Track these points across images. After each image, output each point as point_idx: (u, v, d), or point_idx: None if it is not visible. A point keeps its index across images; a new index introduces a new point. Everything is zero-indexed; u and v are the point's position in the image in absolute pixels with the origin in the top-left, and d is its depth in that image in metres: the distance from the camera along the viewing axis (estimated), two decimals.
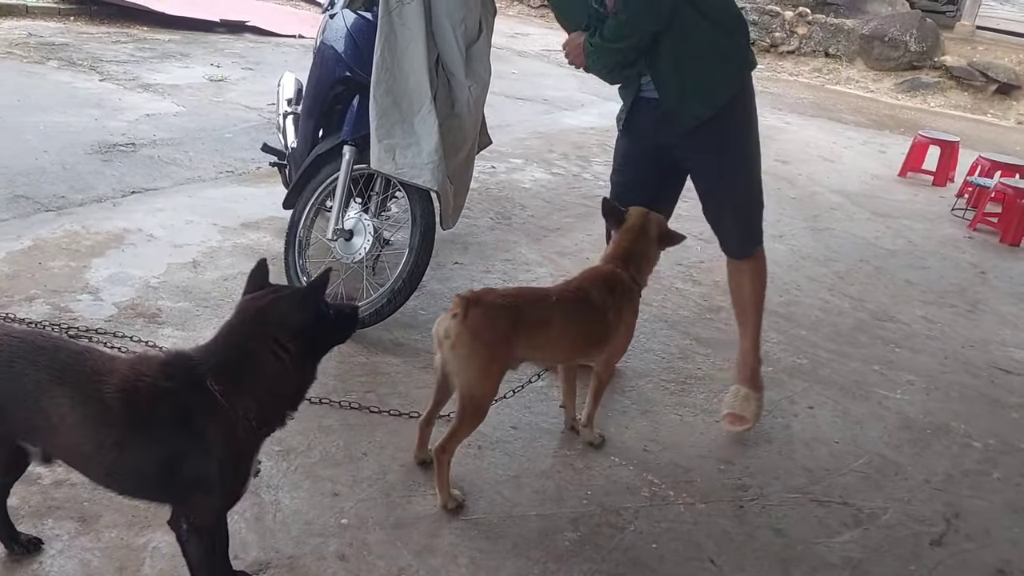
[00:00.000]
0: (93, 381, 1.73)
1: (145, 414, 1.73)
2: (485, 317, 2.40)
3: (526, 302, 2.55)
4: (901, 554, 2.55)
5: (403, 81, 3.16)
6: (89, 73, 6.76)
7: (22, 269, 3.49)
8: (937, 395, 3.56)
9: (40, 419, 1.73)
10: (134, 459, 1.76)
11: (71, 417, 1.72)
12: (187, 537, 1.86)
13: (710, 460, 2.89)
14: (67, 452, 1.81)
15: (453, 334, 2.39)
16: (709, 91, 2.88)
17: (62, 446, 1.79)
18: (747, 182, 3.07)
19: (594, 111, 8.22)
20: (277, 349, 1.79)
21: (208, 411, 1.75)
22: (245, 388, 1.77)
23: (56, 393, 1.72)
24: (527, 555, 2.32)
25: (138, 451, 1.75)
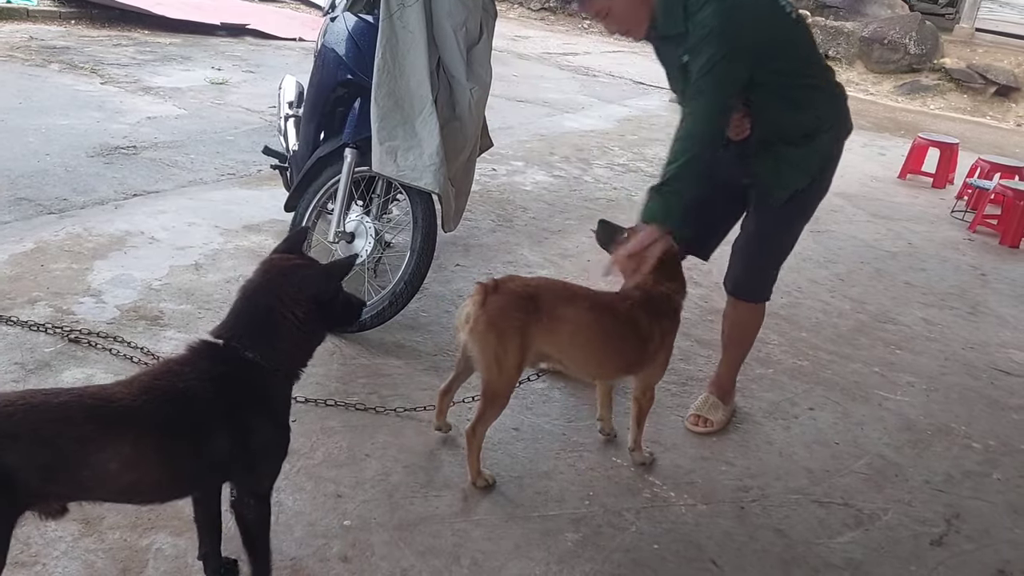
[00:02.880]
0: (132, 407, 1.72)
1: (205, 411, 1.78)
2: (502, 305, 2.44)
3: (548, 294, 2.54)
4: (902, 555, 2.56)
5: (404, 84, 3.17)
6: (90, 76, 6.78)
7: (24, 271, 3.50)
8: (937, 396, 3.57)
9: (88, 472, 1.67)
10: (212, 456, 1.81)
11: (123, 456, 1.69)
12: (254, 509, 1.93)
13: (711, 461, 2.89)
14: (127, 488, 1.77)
15: (472, 319, 2.45)
16: (801, 169, 2.76)
17: (119, 487, 1.75)
18: (793, 242, 3.01)
19: (595, 114, 8.24)
20: (293, 311, 1.87)
21: (255, 380, 1.85)
22: (273, 346, 1.87)
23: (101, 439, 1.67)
24: (529, 556, 2.33)
25: (216, 446, 1.81)
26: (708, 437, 3.03)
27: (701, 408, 3.12)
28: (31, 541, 2.13)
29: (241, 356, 1.84)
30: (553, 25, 14.68)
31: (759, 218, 2.92)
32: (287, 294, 1.87)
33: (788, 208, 2.85)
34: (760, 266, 3.02)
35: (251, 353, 1.84)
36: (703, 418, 3.08)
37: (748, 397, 3.35)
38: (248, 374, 1.85)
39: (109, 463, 1.67)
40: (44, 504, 1.73)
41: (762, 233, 2.94)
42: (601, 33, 14.38)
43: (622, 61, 11.73)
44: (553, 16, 15.05)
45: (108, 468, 1.67)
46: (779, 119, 2.68)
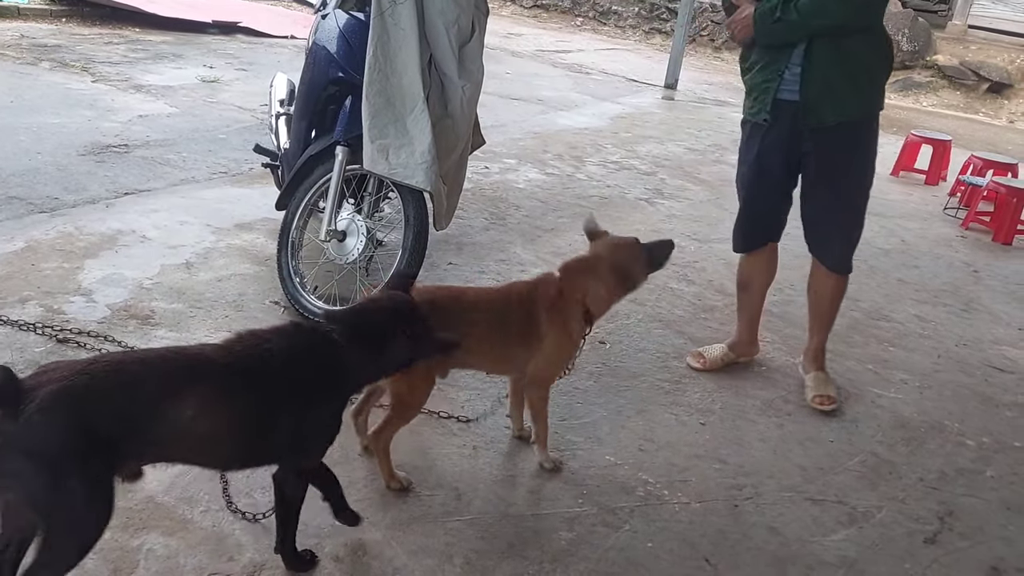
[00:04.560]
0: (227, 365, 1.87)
1: (280, 381, 1.90)
2: None
3: (443, 301, 2.50)
4: (896, 552, 2.56)
5: (396, 81, 3.16)
6: (82, 74, 6.75)
7: (15, 270, 3.48)
8: (930, 394, 3.57)
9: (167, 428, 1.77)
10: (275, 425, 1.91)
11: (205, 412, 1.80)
12: (293, 486, 2.06)
13: (705, 459, 2.89)
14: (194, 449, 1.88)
15: None
16: (848, 103, 3.03)
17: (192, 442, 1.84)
18: (863, 200, 3.23)
19: (588, 111, 8.24)
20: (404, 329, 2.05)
21: (337, 367, 1.98)
22: (370, 348, 2.02)
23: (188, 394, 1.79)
24: (523, 555, 2.32)
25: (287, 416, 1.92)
26: (701, 435, 3.03)
27: (819, 388, 3.33)
28: None
29: (334, 342, 1.97)
30: (546, 22, 14.67)
31: (825, 171, 3.14)
32: (405, 316, 2.06)
33: (843, 142, 3.09)
34: (847, 218, 3.24)
35: (345, 344, 1.97)
36: (827, 396, 3.30)
37: (742, 395, 3.34)
38: (334, 361, 1.97)
39: (185, 414, 1.76)
40: (125, 464, 1.80)
41: (832, 187, 3.16)
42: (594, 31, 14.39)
43: (615, 58, 11.73)
44: (546, 13, 15.03)
45: (183, 419, 1.77)
46: (842, 59, 2.98)
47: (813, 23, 2.91)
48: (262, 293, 3.58)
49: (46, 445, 1.63)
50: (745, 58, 3.23)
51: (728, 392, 3.34)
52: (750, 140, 3.26)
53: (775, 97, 3.06)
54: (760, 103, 3.13)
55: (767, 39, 3.03)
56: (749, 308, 3.56)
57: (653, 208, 5.59)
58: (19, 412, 1.60)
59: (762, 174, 3.23)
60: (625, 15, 14.49)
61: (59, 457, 1.64)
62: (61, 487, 1.64)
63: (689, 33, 11.57)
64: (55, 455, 1.64)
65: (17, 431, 1.60)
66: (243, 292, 3.57)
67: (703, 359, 3.48)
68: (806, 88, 2.99)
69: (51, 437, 1.63)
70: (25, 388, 1.63)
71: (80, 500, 1.67)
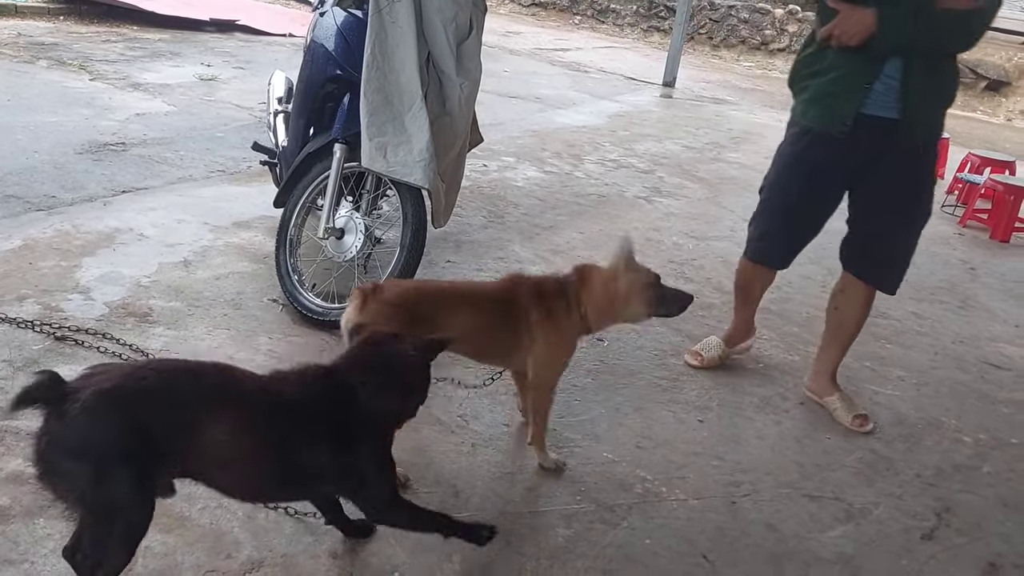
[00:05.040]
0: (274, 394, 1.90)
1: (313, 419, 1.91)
2: (381, 309, 2.41)
3: (428, 293, 2.53)
4: (893, 548, 2.56)
5: (394, 79, 3.15)
6: (79, 73, 6.74)
7: (13, 269, 3.47)
8: (927, 391, 3.57)
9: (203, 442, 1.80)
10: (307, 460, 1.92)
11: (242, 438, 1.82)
12: (389, 517, 2.10)
13: (703, 456, 2.89)
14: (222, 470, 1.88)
15: (350, 323, 2.42)
16: (936, 121, 2.96)
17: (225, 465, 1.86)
18: (923, 223, 3.11)
19: (586, 109, 8.24)
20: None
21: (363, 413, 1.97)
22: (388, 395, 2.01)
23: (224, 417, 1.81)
24: (520, 552, 2.32)
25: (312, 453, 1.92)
26: (699, 432, 3.03)
27: (853, 408, 3.23)
28: (19, 539, 2.12)
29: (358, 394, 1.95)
30: (544, 21, 14.67)
31: (897, 191, 2.99)
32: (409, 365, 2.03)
33: (922, 166, 3.03)
34: (907, 240, 3.10)
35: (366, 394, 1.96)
36: (864, 416, 3.21)
37: (739, 392, 3.35)
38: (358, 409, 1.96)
39: (221, 435, 1.79)
40: (162, 472, 1.83)
41: (901, 208, 3.02)
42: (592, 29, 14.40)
43: (614, 57, 11.74)
44: (544, 12, 15.04)
45: (219, 440, 1.79)
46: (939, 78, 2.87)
47: (941, 39, 2.76)
48: (260, 291, 3.58)
49: (89, 444, 1.69)
50: (813, 61, 2.95)
51: (726, 389, 3.35)
52: (807, 149, 3.02)
53: (858, 110, 2.85)
54: (835, 113, 2.89)
55: (889, 45, 2.75)
56: (750, 306, 3.51)
57: (651, 206, 5.59)
58: (65, 412, 1.66)
59: (818, 188, 3.05)
60: (623, 13, 14.49)
61: (100, 456, 1.70)
62: (102, 485, 1.70)
63: (687, 31, 11.58)
64: (97, 454, 1.69)
65: (62, 430, 1.67)
66: (241, 290, 3.57)
67: (700, 357, 3.46)
68: (906, 104, 2.81)
69: (93, 436, 1.69)
70: (71, 390, 1.69)
71: (120, 499, 1.73)
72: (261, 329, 3.30)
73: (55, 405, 1.68)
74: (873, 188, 3.00)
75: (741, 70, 12.39)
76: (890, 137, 2.87)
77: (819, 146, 2.98)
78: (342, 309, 3.30)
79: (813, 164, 3.01)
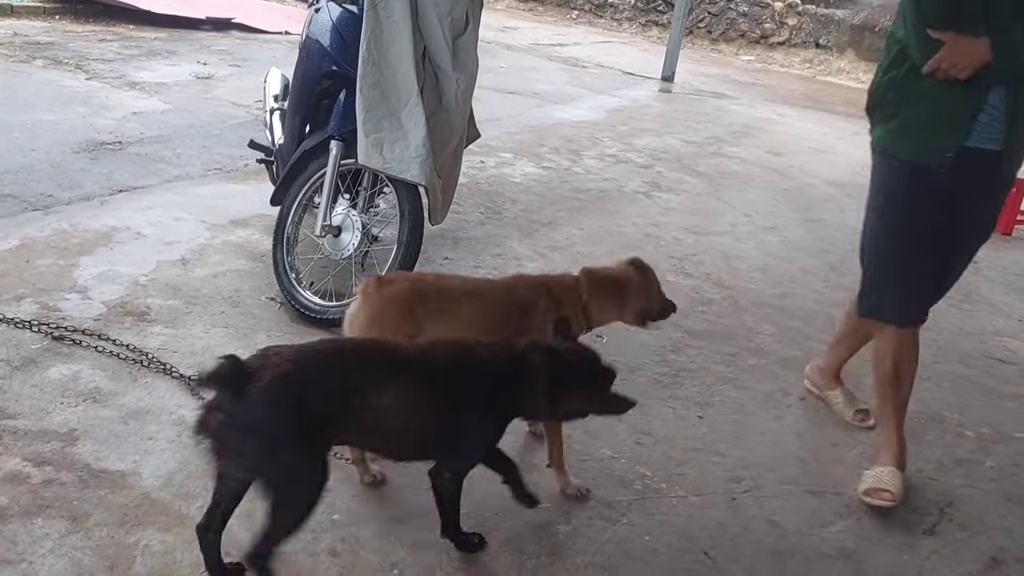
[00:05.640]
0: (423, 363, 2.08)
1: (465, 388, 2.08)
2: (387, 301, 2.41)
3: (434, 286, 2.54)
4: (895, 543, 2.55)
5: (390, 74, 3.14)
6: (75, 72, 6.72)
7: (10, 268, 3.46)
8: (930, 385, 3.56)
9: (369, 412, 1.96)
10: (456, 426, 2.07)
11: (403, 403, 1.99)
12: (449, 485, 2.18)
13: (703, 453, 2.88)
14: (388, 438, 2.07)
15: (354, 316, 2.43)
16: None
17: (385, 430, 2.02)
18: None
19: (585, 105, 8.21)
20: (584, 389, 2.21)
21: (519, 389, 2.13)
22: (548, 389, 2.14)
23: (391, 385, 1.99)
24: (520, 548, 2.31)
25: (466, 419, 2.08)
26: (699, 429, 3.02)
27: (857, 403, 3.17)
28: (17, 539, 2.11)
29: (528, 368, 2.10)
30: (542, 16, 14.64)
31: (977, 229, 2.79)
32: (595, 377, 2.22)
33: (1000, 205, 2.87)
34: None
35: (536, 379, 2.10)
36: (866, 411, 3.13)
37: (740, 387, 3.33)
38: (517, 388, 2.11)
39: (385, 403, 1.95)
40: (330, 446, 2.00)
41: (975, 244, 2.83)
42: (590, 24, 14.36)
43: (612, 51, 11.70)
44: (542, 7, 15.00)
45: (383, 407, 1.96)
46: None
47: None
48: (258, 289, 3.57)
49: (266, 421, 1.82)
50: (902, 87, 2.65)
51: (726, 385, 3.33)
52: (914, 185, 2.68)
53: (961, 143, 2.58)
54: (935, 145, 2.60)
55: (1004, 75, 2.50)
56: (903, 403, 2.85)
57: (651, 201, 5.57)
58: (243, 392, 1.79)
59: (930, 224, 2.70)
60: (621, 7, 14.45)
61: (277, 432, 1.83)
62: (278, 460, 1.84)
63: (686, 25, 11.54)
64: (274, 431, 1.83)
65: (241, 409, 1.80)
66: (239, 288, 3.56)
67: (890, 493, 2.68)
68: (1009, 134, 2.57)
69: (270, 414, 1.82)
70: (249, 370, 1.82)
71: (294, 472, 1.87)
72: (259, 327, 3.28)
73: (235, 386, 1.79)
74: (960, 223, 2.71)
75: (740, 64, 12.35)
76: (989, 169, 2.63)
77: (923, 181, 2.66)
78: (339, 307, 3.30)
79: (931, 202, 2.68)
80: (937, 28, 2.48)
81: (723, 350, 3.61)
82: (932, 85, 2.56)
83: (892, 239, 2.78)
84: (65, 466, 2.39)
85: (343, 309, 3.26)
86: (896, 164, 2.71)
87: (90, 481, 2.35)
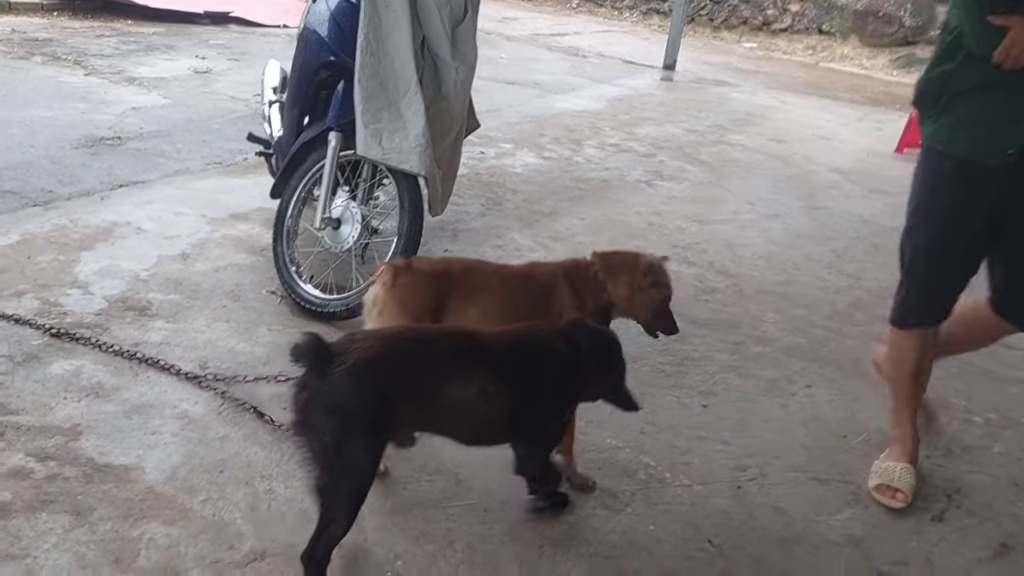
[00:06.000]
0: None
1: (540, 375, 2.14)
2: (413, 286, 2.40)
3: (459, 271, 2.53)
4: (902, 530, 2.53)
5: (388, 64, 3.11)
6: (74, 68, 6.70)
7: (10, 264, 3.45)
8: (937, 371, 3.47)
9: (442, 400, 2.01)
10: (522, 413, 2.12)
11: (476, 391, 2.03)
12: (537, 466, 2.27)
13: (708, 441, 2.86)
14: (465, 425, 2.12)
15: (380, 302, 2.40)
16: None
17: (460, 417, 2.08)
18: None
19: (586, 94, 8.18)
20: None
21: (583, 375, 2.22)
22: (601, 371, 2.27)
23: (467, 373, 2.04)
24: (524, 539, 2.30)
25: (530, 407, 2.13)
26: (704, 417, 3.00)
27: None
28: (22, 534, 2.11)
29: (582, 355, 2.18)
30: (541, 5, 14.57)
31: None
32: None
33: None
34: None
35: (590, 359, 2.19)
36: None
37: (745, 375, 3.31)
38: (581, 370, 2.19)
39: (464, 392, 2.00)
40: (403, 431, 2.07)
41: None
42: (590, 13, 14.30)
43: (612, 41, 11.65)
44: None
45: (458, 396, 2.00)
46: None
47: None
48: (259, 283, 3.55)
49: (343, 404, 1.87)
50: (958, 79, 2.45)
51: (731, 374, 3.31)
52: (964, 186, 2.51)
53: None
54: (995, 141, 2.41)
55: None
56: (920, 401, 2.83)
57: (653, 190, 5.55)
58: (327, 372, 1.84)
59: (972, 229, 2.56)
60: None
61: (351, 416, 1.88)
62: (346, 444, 1.88)
63: (687, 13, 11.49)
64: (348, 414, 1.87)
65: (324, 388, 1.86)
66: (240, 282, 3.54)
67: (903, 494, 2.64)
68: None
69: (351, 399, 1.88)
70: (334, 352, 1.87)
71: (360, 460, 1.91)
72: (260, 321, 3.27)
73: (319, 365, 1.85)
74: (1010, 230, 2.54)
75: (743, 51, 12.29)
76: None
77: (975, 180, 2.50)
78: (340, 300, 3.29)
79: (980, 205, 2.53)
80: (999, 13, 2.27)
81: (727, 338, 3.59)
82: (993, 76, 2.35)
83: (929, 238, 2.67)
84: (69, 461, 2.38)
85: (344, 302, 3.26)
86: (947, 162, 2.52)
87: (94, 476, 2.34)
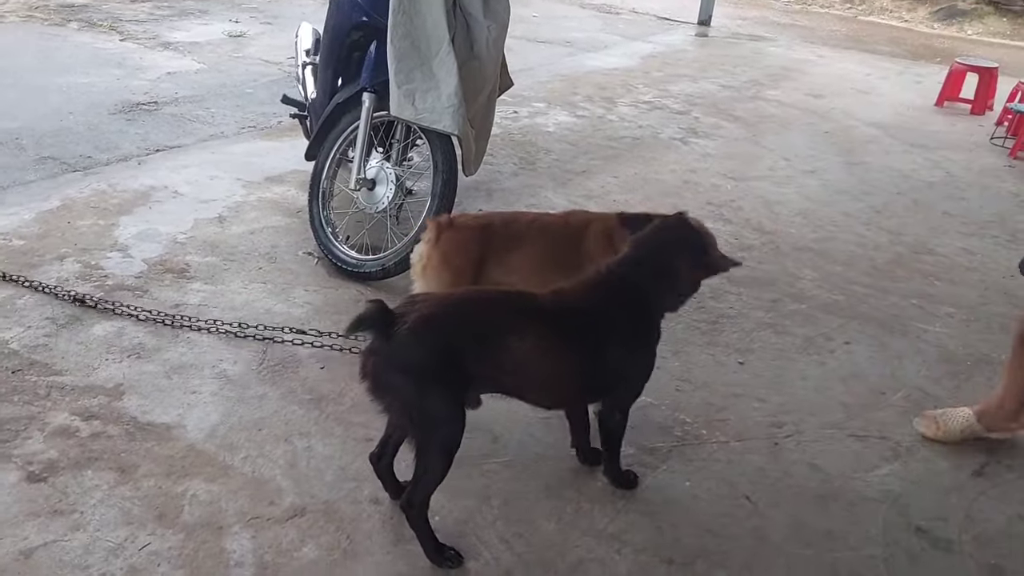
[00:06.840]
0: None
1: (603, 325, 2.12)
2: (457, 240, 2.44)
3: (500, 223, 2.57)
4: (941, 486, 2.51)
5: (420, 23, 3.09)
6: (109, 33, 6.75)
7: (52, 228, 3.52)
8: (977, 327, 3.47)
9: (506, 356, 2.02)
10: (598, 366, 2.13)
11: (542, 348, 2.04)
12: (618, 422, 2.27)
13: (744, 399, 2.85)
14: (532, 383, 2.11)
15: (425, 257, 2.47)
16: None
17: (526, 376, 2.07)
18: None
19: (618, 51, 8.05)
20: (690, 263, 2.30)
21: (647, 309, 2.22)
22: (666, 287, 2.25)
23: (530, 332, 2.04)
24: (560, 495, 2.32)
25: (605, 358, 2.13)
26: (740, 375, 2.99)
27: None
28: (68, 490, 2.17)
29: (641, 288, 2.18)
30: None
31: None
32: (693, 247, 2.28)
33: None
34: None
35: (649, 288, 2.19)
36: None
37: (781, 333, 3.29)
38: (642, 304, 2.19)
39: (522, 348, 2.00)
40: (472, 388, 2.06)
41: None
42: None
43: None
44: None
45: (521, 353, 2.00)
46: None
47: None
48: (294, 244, 3.58)
49: (413, 362, 1.92)
50: None
51: (767, 331, 3.29)
52: None
53: None
54: None
55: None
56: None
57: (687, 148, 5.47)
58: (392, 335, 1.89)
59: None
60: None
61: (423, 373, 1.93)
62: (424, 399, 1.94)
63: None
64: (419, 371, 1.92)
65: (391, 349, 1.91)
66: (275, 244, 3.58)
67: (937, 426, 2.70)
68: None
69: (418, 354, 1.92)
70: (397, 315, 1.93)
71: (439, 411, 1.96)
72: (297, 282, 3.31)
73: (383, 329, 1.90)
74: None
75: (779, 5, 11.99)
76: None
77: None
78: (376, 260, 3.31)
79: None
80: None
81: (763, 296, 3.56)
82: None
83: None
84: (112, 420, 2.45)
85: (380, 262, 3.28)
86: None
87: (137, 434, 2.40)
